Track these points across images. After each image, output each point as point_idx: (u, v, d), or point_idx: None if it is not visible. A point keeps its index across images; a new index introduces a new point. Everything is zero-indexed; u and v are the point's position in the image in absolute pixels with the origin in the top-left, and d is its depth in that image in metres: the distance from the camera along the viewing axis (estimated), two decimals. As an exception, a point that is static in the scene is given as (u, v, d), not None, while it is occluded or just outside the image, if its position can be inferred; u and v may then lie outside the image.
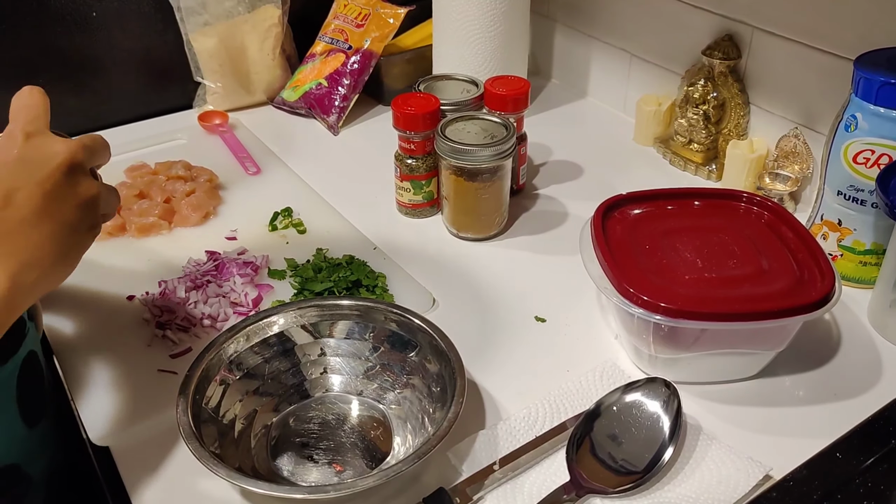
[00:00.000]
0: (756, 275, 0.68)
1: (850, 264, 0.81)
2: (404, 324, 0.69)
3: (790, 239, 0.72)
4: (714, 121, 1.01)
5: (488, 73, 1.10)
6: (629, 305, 0.66)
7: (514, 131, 0.88)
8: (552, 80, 1.31)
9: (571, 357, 0.75)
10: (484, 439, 0.65)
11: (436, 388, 0.66)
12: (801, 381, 0.71)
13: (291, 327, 0.70)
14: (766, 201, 0.76)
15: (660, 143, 1.09)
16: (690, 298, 0.65)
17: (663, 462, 0.61)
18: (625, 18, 1.13)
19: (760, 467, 0.61)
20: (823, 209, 0.81)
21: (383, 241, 0.90)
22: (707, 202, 0.78)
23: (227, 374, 0.66)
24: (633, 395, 0.65)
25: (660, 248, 0.72)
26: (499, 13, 1.07)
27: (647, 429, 0.63)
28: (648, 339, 0.68)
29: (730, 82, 0.98)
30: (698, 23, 1.01)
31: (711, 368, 0.70)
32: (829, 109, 0.87)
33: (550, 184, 1.03)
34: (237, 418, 0.66)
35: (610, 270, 0.69)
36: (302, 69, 1.21)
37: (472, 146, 0.85)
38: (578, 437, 0.63)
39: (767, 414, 0.68)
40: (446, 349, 0.66)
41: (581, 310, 0.80)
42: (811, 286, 0.66)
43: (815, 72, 0.89)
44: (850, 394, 0.70)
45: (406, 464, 0.57)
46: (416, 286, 0.83)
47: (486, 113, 0.92)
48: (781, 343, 0.68)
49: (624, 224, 0.75)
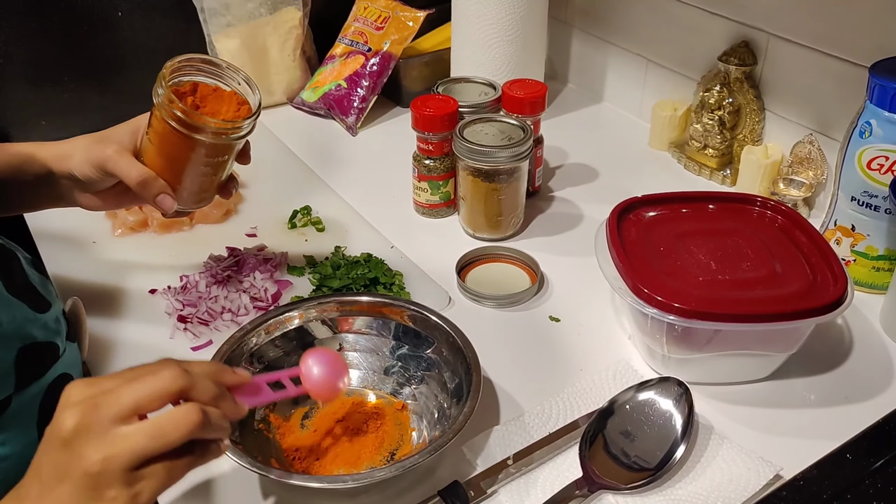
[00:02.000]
0: (769, 277, 0.69)
1: (863, 269, 0.81)
2: (422, 320, 0.70)
3: (803, 243, 0.73)
4: (729, 126, 1.02)
5: (506, 77, 1.11)
6: (643, 306, 0.67)
7: (532, 133, 0.89)
8: (568, 85, 1.32)
9: (585, 356, 0.76)
10: (498, 435, 0.66)
11: (451, 384, 0.67)
12: (812, 383, 0.72)
13: (311, 322, 0.71)
14: (779, 205, 0.77)
15: (675, 147, 1.10)
16: (704, 300, 0.66)
17: (675, 460, 0.62)
18: (641, 24, 1.14)
19: (771, 467, 0.62)
20: (837, 214, 0.82)
21: (400, 240, 0.92)
22: (721, 206, 0.79)
23: (247, 366, 0.68)
24: (647, 394, 0.66)
25: (674, 250, 0.72)
26: (517, 18, 1.09)
27: (660, 427, 0.64)
28: (662, 340, 0.69)
29: (745, 88, 0.99)
30: (714, 29, 1.02)
31: (723, 369, 0.71)
32: (843, 116, 0.88)
33: (566, 186, 1.04)
34: (256, 408, 0.67)
35: (625, 271, 0.70)
36: (322, 70, 1.22)
37: (489, 147, 0.86)
38: (591, 434, 0.64)
39: (778, 415, 0.69)
40: (462, 346, 0.67)
41: (595, 310, 0.81)
42: (824, 289, 0.67)
43: (830, 79, 0.90)
44: (860, 397, 0.70)
45: (422, 456, 0.58)
46: (432, 284, 0.84)
47: (504, 115, 0.93)
48: (793, 345, 0.69)
49: (639, 226, 0.76)
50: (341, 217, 0.96)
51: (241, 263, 0.85)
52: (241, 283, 0.82)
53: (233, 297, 0.80)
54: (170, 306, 0.80)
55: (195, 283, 0.82)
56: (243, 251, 0.88)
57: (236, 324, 0.78)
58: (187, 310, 0.79)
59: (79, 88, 1.13)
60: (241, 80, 0.70)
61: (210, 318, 0.78)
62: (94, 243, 0.91)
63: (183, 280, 0.83)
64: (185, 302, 0.80)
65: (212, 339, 0.77)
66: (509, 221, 0.92)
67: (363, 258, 0.86)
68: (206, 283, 0.82)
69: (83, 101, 1.14)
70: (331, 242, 0.90)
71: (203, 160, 0.69)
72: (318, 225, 0.94)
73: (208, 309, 0.79)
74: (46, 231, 0.93)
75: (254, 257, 0.86)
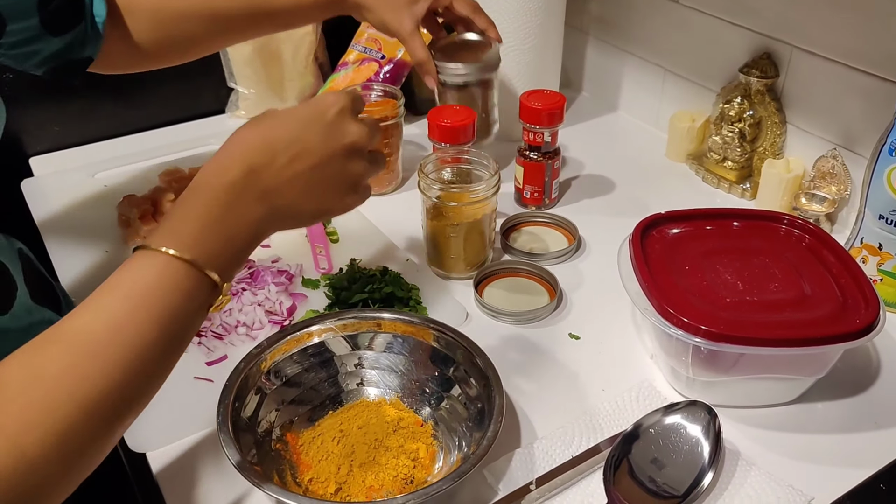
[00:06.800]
0: (798, 300, 0.67)
1: (890, 289, 0.80)
2: (444, 340, 0.69)
3: (832, 263, 0.71)
4: (749, 139, 1.01)
5: (521, 85, 1.10)
6: (669, 326, 0.65)
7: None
8: (582, 93, 1.31)
9: (606, 376, 0.74)
10: (520, 458, 0.65)
11: (472, 406, 0.66)
12: (840, 407, 0.70)
13: (331, 338, 0.70)
14: (807, 224, 0.76)
15: (693, 159, 1.09)
16: (731, 322, 0.65)
17: (703, 487, 0.60)
18: (660, 34, 1.13)
19: (802, 496, 0.60)
20: (864, 232, 0.80)
21: (416, 253, 0.90)
22: (746, 223, 0.78)
23: (265, 382, 0.66)
24: (673, 418, 0.65)
25: (700, 269, 0.71)
26: (534, 26, 1.07)
27: (687, 453, 0.63)
28: (687, 361, 0.68)
29: (767, 101, 0.98)
30: (735, 40, 1.01)
31: (749, 393, 0.70)
32: (869, 131, 0.87)
33: (582, 198, 1.03)
34: (273, 427, 0.66)
35: (650, 290, 0.68)
36: (334, 77, 1.21)
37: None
38: (616, 459, 0.63)
39: (806, 440, 0.67)
40: (483, 367, 0.66)
41: (615, 328, 0.80)
42: (854, 313, 0.65)
43: (855, 93, 0.88)
44: (891, 422, 0.69)
45: (445, 483, 0.57)
46: (449, 299, 0.83)
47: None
48: (822, 370, 0.68)
49: (663, 243, 0.75)
50: (356, 228, 0.94)
51: (256, 275, 0.84)
52: (255, 295, 0.81)
53: (247, 311, 0.79)
54: (183, 319, 0.79)
55: (209, 295, 0.81)
56: (257, 262, 0.86)
57: (251, 338, 0.77)
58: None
59: (91, 95, 1.11)
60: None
61: (224, 332, 0.77)
62: (106, 252, 0.90)
63: (196, 292, 0.82)
64: (199, 315, 0.78)
65: (227, 353, 0.75)
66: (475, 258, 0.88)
67: (379, 272, 0.84)
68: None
69: (96, 107, 1.13)
70: (346, 254, 0.89)
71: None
72: (332, 236, 0.93)
73: (223, 323, 0.78)
74: (58, 239, 0.92)
75: (268, 269, 0.84)
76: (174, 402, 0.70)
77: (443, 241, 0.85)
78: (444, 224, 0.84)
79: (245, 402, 0.64)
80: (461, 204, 0.82)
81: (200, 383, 0.72)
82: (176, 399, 0.70)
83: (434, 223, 0.85)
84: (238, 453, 0.58)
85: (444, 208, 0.83)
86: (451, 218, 0.83)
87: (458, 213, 0.83)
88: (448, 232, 0.84)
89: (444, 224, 0.84)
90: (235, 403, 0.63)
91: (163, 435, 0.67)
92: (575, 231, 0.93)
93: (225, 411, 0.61)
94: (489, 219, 0.85)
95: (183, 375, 0.73)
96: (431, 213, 0.84)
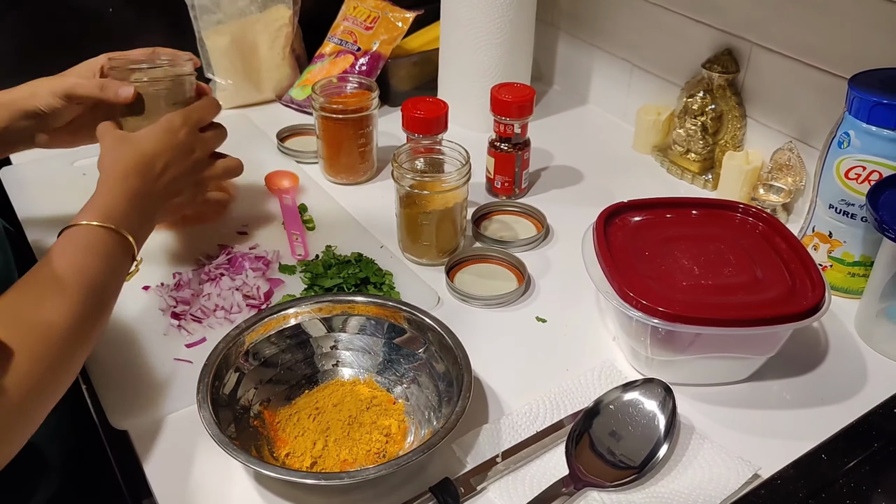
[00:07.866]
0: (750, 283, 0.71)
1: (838, 275, 0.84)
2: (415, 321, 0.72)
3: (783, 249, 0.75)
4: (711, 132, 1.05)
5: (493, 78, 1.13)
6: (629, 309, 0.69)
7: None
8: (554, 87, 1.34)
9: (571, 356, 0.78)
10: (487, 433, 0.68)
11: (442, 383, 0.69)
12: (789, 385, 0.75)
13: (307, 320, 0.73)
14: (761, 212, 0.80)
15: (658, 151, 1.13)
16: (687, 304, 0.68)
17: (658, 459, 0.64)
18: (628, 29, 1.16)
19: (749, 466, 0.64)
20: (815, 221, 0.85)
21: (390, 240, 0.93)
22: (705, 212, 0.81)
23: (243, 362, 0.69)
24: (631, 395, 0.68)
25: (659, 255, 0.75)
26: (506, 21, 1.10)
27: (644, 427, 0.66)
28: (646, 342, 0.71)
29: (728, 95, 1.02)
30: (699, 36, 1.05)
31: (705, 371, 0.74)
32: (822, 125, 0.91)
33: (551, 188, 1.06)
34: (251, 405, 0.68)
35: (611, 275, 0.72)
36: (311, 69, 1.23)
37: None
38: (578, 433, 0.66)
39: (757, 416, 0.71)
40: (454, 347, 0.69)
41: (580, 312, 0.84)
42: (802, 295, 0.70)
43: (810, 88, 0.92)
44: (836, 399, 0.73)
45: (415, 454, 0.60)
46: (422, 284, 0.86)
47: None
48: (772, 349, 0.72)
49: (625, 231, 0.78)
50: (331, 216, 0.97)
51: (234, 261, 0.86)
52: (233, 280, 0.84)
53: (225, 295, 0.82)
54: (163, 303, 0.81)
55: (188, 280, 0.83)
56: (235, 249, 0.89)
57: (229, 321, 0.79)
58: (181, 307, 0.80)
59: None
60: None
61: (203, 315, 0.80)
62: (85, 239, 0.92)
63: (176, 277, 0.84)
64: (179, 299, 0.81)
65: (205, 336, 0.78)
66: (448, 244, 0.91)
67: (354, 258, 0.87)
68: (199, 281, 0.83)
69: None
70: (322, 241, 0.92)
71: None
72: (309, 223, 0.95)
73: (201, 306, 0.80)
74: (38, 225, 0.93)
75: (246, 256, 0.87)
76: (154, 382, 0.73)
77: (416, 228, 0.88)
78: (416, 212, 0.87)
79: (224, 381, 0.67)
80: (433, 192, 0.85)
81: (180, 364, 0.74)
82: (156, 379, 0.73)
83: (407, 211, 0.88)
84: (217, 427, 0.61)
85: (417, 197, 0.86)
86: (423, 206, 0.86)
87: (431, 202, 0.86)
88: (421, 220, 0.87)
89: (416, 212, 0.87)
90: (215, 382, 0.65)
91: (144, 412, 0.69)
92: (543, 220, 0.96)
93: (205, 388, 0.64)
94: (461, 207, 0.88)
95: (163, 357, 0.75)
96: (405, 201, 0.87)
